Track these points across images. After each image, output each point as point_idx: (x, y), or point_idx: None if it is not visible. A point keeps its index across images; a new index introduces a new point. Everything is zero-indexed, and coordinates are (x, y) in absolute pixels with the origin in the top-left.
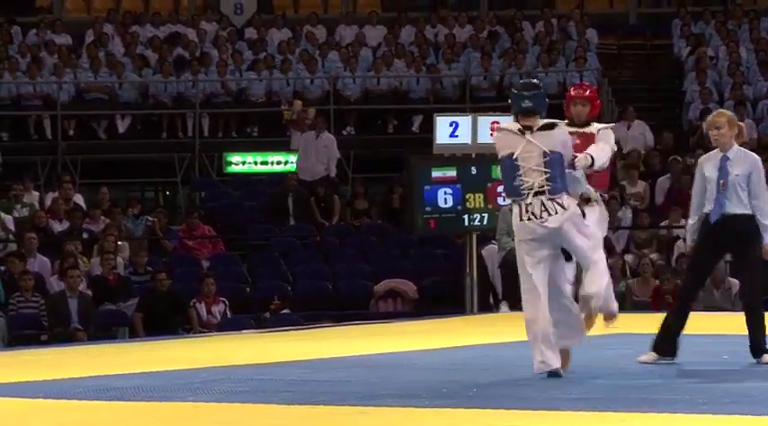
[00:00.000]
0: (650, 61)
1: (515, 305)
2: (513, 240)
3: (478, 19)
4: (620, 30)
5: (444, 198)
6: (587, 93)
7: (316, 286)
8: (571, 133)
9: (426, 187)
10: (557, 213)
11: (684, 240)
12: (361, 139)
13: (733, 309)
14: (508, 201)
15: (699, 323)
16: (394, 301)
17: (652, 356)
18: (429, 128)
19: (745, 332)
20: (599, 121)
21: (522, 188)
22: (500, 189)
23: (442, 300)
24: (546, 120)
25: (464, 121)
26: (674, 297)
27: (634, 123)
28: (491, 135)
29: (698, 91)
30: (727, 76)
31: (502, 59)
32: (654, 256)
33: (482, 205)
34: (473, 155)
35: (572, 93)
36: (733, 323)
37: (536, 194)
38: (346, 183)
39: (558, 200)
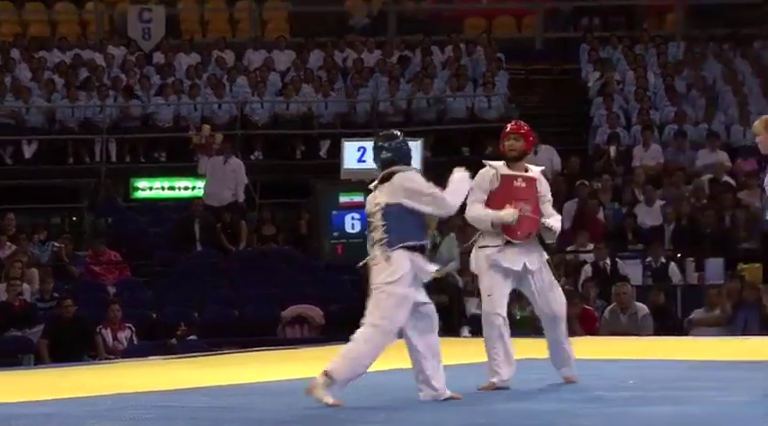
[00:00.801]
0: (558, 86)
1: None
2: None
3: (387, 44)
4: (528, 55)
5: (352, 223)
6: (522, 130)
7: (222, 312)
8: (515, 176)
9: (334, 212)
10: (377, 265)
11: (590, 264)
12: (269, 164)
13: (639, 334)
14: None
15: (605, 348)
16: (301, 327)
17: None
18: (337, 153)
19: (651, 356)
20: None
21: (371, 244)
22: None
23: (349, 326)
24: (388, 170)
25: (372, 146)
26: (580, 322)
27: (541, 148)
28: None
29: (605, 115)
30: (635, 101)
31: (410, 84)
32: (561, 281)
33: None
34: None
35: (508, 128)
36: (639, 348)
37: (378, 243)
38: (254, 209)
39: (388, 253)
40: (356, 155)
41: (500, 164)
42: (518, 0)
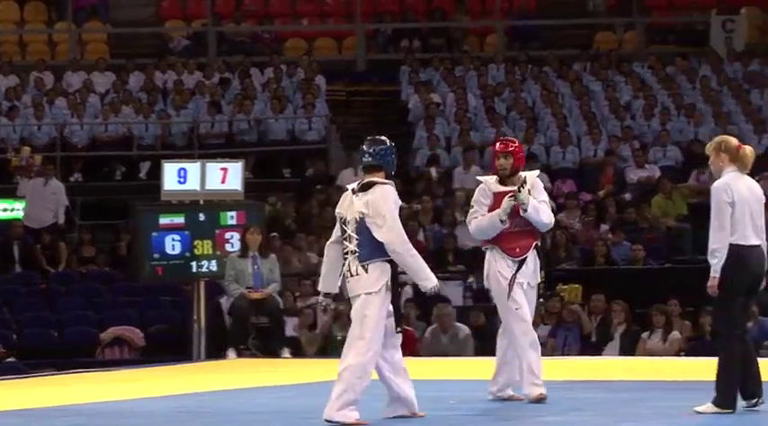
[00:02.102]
0: (378, 107)
1: (242, 352)
2: (240, 287)
3: (207, 65)
4: (349, 76)
5: (172, 244)
6: (509, 148)
7: (41, 334)
8: (505, 192)
9: (154, 234)
10: (357, 275)
11: (410, 285)
12: (89, 186)
13: (460, 354)
14: (234, 248)
15: (426, 369)
16: (120, 348)
17: None
18: (157, 174)
19: (472, 377)
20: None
21: (344, 251)
22: (228, 235)
23: (169, 347)
24: (368, 179)
25: (192, 168)
26: (401, 343)
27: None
28: (221, 181)
29: (426, 137)
30: (455, 123)
31: (231, 106)
32: None
33: (210, 251)
34: (201, 202)
35: (497, 147)
36: (460, 369)
37: (352, 255)
38: (73, 230)
39: (365, 265)
40: (176, 176)
41: (492, 180)
42: (339, 21)
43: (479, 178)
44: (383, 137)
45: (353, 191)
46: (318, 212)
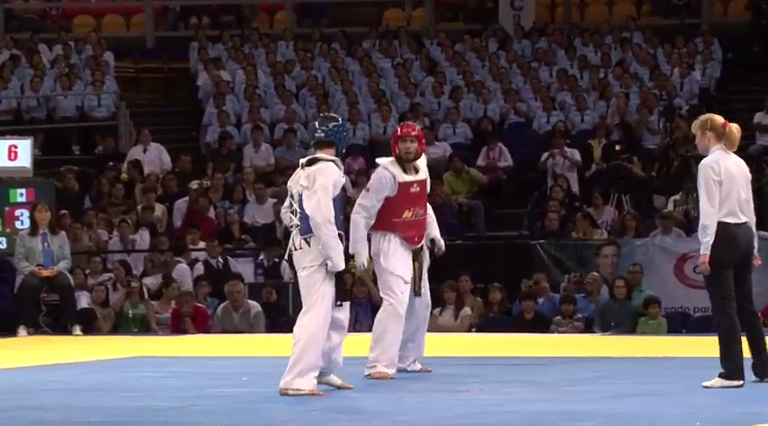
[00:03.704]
0: (168, 84)
1: (37, 330)
2: (30, 264)
3: None
4: (138, 53)
5: None
6: (414, 132)
7: None
8: (411, 183)
9: None
10: (300, 248)
11: (202, 262)
12: None
13: (251, 331)
14: (24, 226)
15: (217, 346)
16: None
17: None
18: None
19: (264, 353)
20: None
21: (290, 225)
22: (17, 212)
23: None
24: (315, 155)
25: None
26: (193, 320)
27: (151, 146)
28: (10, 159)
29: (215, 113)
30: (245, 100)
31: (20, 83)
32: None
33: (0, 229)
34: None
35: (400, 131)
36: (252, 345)
37: (296, 228)
38: None
39: (306, 238)
40: None
41: (395, 168)
42: None
43: (381, 161)
44: (335, 115)
45: (302, 166)
46: (108, 189)
